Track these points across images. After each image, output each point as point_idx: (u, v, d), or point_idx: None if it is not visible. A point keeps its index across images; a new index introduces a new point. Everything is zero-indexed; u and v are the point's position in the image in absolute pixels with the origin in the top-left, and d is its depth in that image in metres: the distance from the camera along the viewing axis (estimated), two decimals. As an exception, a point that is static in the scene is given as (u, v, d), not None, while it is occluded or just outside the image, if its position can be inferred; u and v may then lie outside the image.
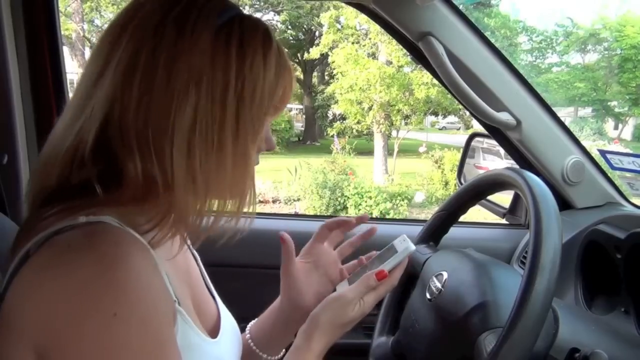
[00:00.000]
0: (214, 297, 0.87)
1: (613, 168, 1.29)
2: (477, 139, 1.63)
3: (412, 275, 1.02)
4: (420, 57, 1.24)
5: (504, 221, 1.52)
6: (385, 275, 0.80)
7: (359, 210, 8.36)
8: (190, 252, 0.89)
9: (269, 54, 0.64)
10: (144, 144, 0.59)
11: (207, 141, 0.60)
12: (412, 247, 0.82)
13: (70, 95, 0.69)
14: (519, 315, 0.69)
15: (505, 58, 1.24)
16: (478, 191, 1.00)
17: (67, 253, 0.55)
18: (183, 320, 0.64)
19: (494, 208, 1.49)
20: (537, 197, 0.79)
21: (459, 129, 27.60)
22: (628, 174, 1.31)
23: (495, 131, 1.34)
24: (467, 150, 1.61)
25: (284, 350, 0.96)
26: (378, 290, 0.80)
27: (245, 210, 0.66)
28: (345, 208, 8.61)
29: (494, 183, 0.96)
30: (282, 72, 0.66)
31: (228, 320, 0.84)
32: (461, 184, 1.60)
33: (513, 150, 1.36)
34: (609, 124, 22.87)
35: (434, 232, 1.05)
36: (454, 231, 1.09)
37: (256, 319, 0.98)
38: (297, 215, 4.98)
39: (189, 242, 0.89)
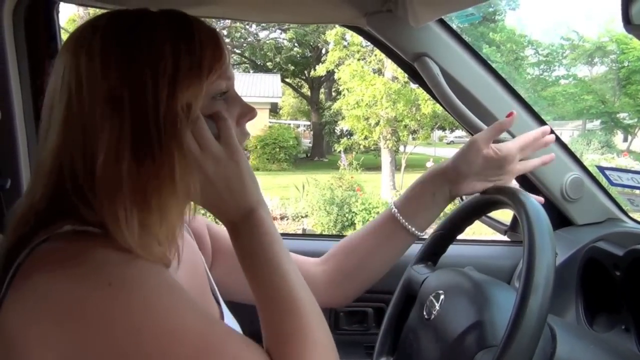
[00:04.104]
0: (218, 303, 0.89)
1: (612, 184, 1.28)
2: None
3: (410, 295, 1.03)
4: (416, 76, 1.25)
5: (505, 238, 1.51)
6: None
7: (367, 226, 8.33)
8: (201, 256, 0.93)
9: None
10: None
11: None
12: None
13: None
14: (513, 333, 0.69)
15: (500, 76, 1.25)
16: (474, 211, 1.00)
17: (55, 262, 0.59)
18: None
19: (494, 225, 1.48)
20: (530, 215, 0.79)
21: (467, 143, 27.52)
22: (628, 190, 1.31)
23: (494, 149, 1.34)
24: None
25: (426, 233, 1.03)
26: None
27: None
28: (353, 224, 8.60)
29: (489, 202, 0.97)
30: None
31: (230, 323, 0.85)
32: (462, 200, 1.60)
33: (512, 167, 1.36)
34: (618, 137, 22.76)
35: (431, 252, 1.06)
36: (454, 249, 1.09)
37: (403, 194, 1.04)
38: (304, 235, 4.99)
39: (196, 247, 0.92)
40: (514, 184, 1.06)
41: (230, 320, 0.86)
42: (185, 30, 0.67)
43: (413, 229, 1.00)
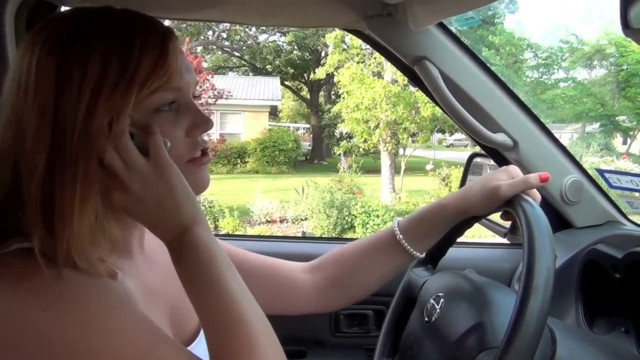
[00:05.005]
0: None
1: (612, 187, 1.29)
2: (482, 158, 1.64)
3: (410, 298, 1.03)
4: (416, 79, 1.26)
5: (505, 241, 1.51)
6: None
7: (367, 229, 8.35)
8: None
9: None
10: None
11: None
12: None
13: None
14: (513, 335, 0.69)
15: (500, 80, 1.25)
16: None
17: (1, 282, 0.58)
18: None
19: (494, 227, 1.49)
20: (529, 218, 0.79)
21: (466, 146, 27.64)
22: (627, 193, 1.31)
23: (493, 152, 1.35)
24: (467, 170, 1.61)
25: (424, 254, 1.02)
26: None
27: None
28: (352, 227, 8.61)
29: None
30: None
31: None
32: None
33: (511, 170, 1.36)
34: (617, 139, 22.78)
35: (431, 255, 1.06)
36: (454, 252, 1.09)
37: (410, 218, 1.02)
38: (304, 238, 4.99)
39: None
40: None
41: None
42: (126, 36, 0.64)
43: (415, 252, 1.00)
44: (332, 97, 22.51)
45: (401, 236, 0.99)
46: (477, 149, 1.59)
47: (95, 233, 0.62)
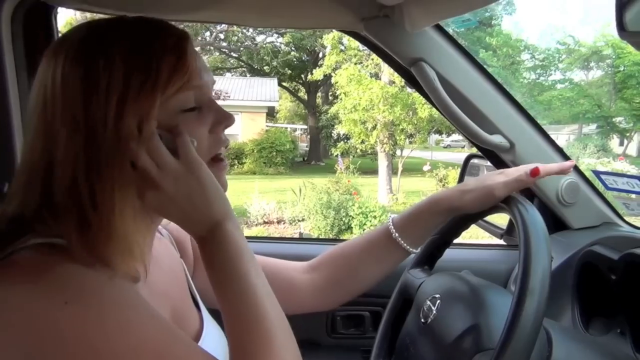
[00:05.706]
0: (198, 307, 0.89)
1: (608, 188, 1.29)
2: (479, 159, 1.64)
3: (407, 300, 1.03)
4: (413, 81, 1.26)
5: (501, 242, 1.52)
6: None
7: (364, 230, 8.35)
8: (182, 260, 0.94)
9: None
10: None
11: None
12: None
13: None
14: (509, 336, 0.69)
15: (497, 81, 1.25)
16: (470, 215, 1.01)
17: (17, 275, 0.58)
18: None
19: (491, 229, 1.49)
20: (525, 219, 0.80)
21: (463, 147, 27.66)
22: (623, 194, 1.31)
23: (490, 153, 1.35)
24: (464, 171, 1.62)
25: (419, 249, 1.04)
26: None
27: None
28: (349, 228, 8.60)
29: (485, 206, 0.98)
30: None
31: (212, 330, 0.86)
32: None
33: (508, 172, 1.36)
34: (614, 141, 22.83)
35: (428, 257, 1.06)
36: (451, 253, 1.10)
37: (404, 214, 1.04)
38: (301, 239, 4.99)
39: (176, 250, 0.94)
40: None
41: (211, 326, 0.86)
42: (144, 41, 0.66)
43: (410, 248, 1.01)
44: (330, 98, 22.52)
45: (396, 234, 1.01)
46: (475, 150, 1.59)
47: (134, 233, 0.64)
